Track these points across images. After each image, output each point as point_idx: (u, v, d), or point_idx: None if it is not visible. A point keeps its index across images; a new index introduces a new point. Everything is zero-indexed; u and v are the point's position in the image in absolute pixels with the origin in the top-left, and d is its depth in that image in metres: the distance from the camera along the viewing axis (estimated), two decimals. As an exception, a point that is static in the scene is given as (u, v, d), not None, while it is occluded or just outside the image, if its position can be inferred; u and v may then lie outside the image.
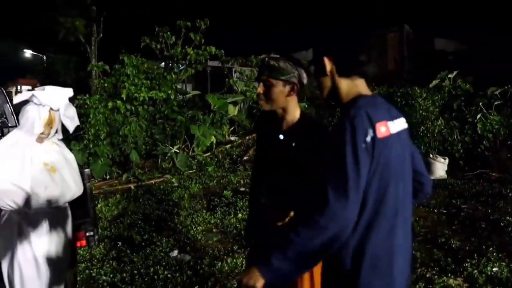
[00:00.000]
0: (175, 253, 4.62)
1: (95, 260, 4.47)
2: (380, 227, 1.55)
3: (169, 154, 9.49)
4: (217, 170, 9.12)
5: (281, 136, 2.17)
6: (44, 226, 2.68)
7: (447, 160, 8.46)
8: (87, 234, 3.16)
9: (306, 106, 11.04)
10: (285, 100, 2.14)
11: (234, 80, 12.00)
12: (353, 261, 1.57)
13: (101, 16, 23.00)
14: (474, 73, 11.28)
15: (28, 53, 33.25)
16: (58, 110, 2.74)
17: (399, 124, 1.67)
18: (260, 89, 2.14)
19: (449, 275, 3.80)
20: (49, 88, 2.73)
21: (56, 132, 2.83)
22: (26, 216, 2.62)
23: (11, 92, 25.31)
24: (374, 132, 1.51)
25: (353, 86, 1.69)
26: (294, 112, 2.18)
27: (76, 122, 2.90)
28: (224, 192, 7.12)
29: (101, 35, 23.40)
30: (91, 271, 4.18)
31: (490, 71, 13.37)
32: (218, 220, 5.72)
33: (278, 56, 2.13)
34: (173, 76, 11.06)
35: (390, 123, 1.58)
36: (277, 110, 2.18)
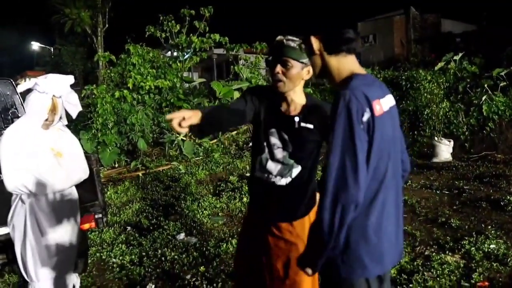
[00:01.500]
0: (181, 236, 4.77)
1: (105, 244, 4.63)
2: (371, 200, 1.63)
3: (176, 142, 9.62)
4: (223, 157, 9.23)
5: (297, 119, 2.18)
6: (53, 209, 2.81)
7: (452, 143, 8.49)
8: (96, 216, 3.30)
9: (311, 91, 11.07)
10: (299, 83, 2.17)
11: (239, 67, 12.02)
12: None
13: (106, 7, 23.08)
14: (482, 54, 11.23)
15: (35, 45, 33.48)
16: (60, 97, 2.85)
17: (390, 101, 1.73)
18: (279, 69, 2.11)
19: (447, 252, 3.89)
20: (50, 76, 2.84)
21: (61, 118, 2.95)
22: (36, 200, 2.76)
23: (20, 84, 25.53)
24: (372, 110, 1.55)
25: (344, 64, 1.71)
26: (302, 95, 2.22)
27: (79, 108, 3.01)
28: (230, 177, 7.25)
29: (106, 25, 23.52)
30: (102, 254, 4.35)
31: (498, 52, 13.25)
32: (224, 204, 5.85)
33: (296, 38, 2.10)
34: (179, 64, 11.14)
35: (382, 101, 1.63)
36: (287, 92, 2.18)
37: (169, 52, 12.84)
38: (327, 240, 1.54)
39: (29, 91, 2.85)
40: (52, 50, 33.17)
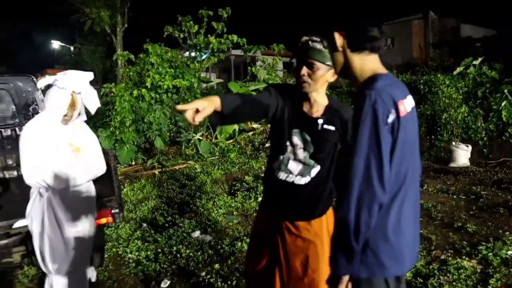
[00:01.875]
0: (196, 233, 4.80)
1: (121, 240, 4.69)
2: (391, 200, 1.61)
3: (192, 141, 9.69)
4: (239, 157, 9.26)
5: (320, 121, 2.20)
6: (71, 203, 2.86)
7: (470, 148, 8.37)
8: (113, 211, 3.35)
9: (328, 93, 11.03)
10: (323, 85, 2.18)
11: (256, 69, 12.04)
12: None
13: (125, 7, 23.34)
14: (502, 60, 11.05)
15: (56, 44, 34.03)
16: (79, 93, 2.90)
17: (411, 102, 1.72)
18: (305, 72, 2.12)
19: (464, 257, 3.85)
20: (70, 72, 2.89)
21: (79, 114, 3.01)
22: (54, 194, 2.81)
23: (39, 80, 25.90)
24: (397, 111, 1.54)
25: (367, 63, 1.68)
26: (324, 96, 2.24)
27: (98, 104, 3.05)
28: (246, 177, 7.27)
29: (126, 25, 23.79)
30: (118, 250, 4.42)
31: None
32: (239, 204, 5.87)
33: (320, 39, 2.10)
34: (196, 64, 11.22)
35: (405, 101, 1.62)
36: (311, 93, 2.19)
37: (187, 52, 12.91)
38: (354, 242, 1.54)
39: (49, 87, 2.90)
40: (72, 49, 33.67)
